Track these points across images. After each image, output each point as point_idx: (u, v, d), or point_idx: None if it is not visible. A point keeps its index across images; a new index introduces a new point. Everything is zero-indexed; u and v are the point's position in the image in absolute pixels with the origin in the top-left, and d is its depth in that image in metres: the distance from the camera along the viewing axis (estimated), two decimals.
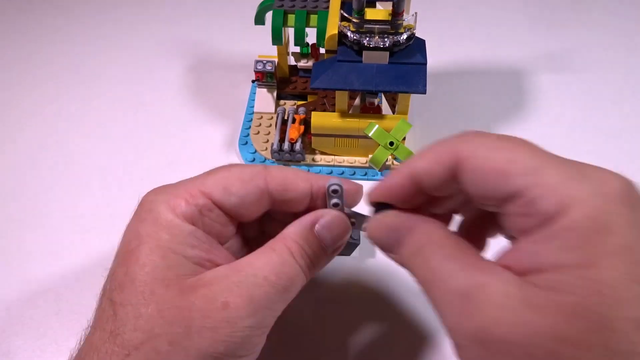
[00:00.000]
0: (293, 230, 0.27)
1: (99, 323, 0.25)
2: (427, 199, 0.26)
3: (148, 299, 0.24)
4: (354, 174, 0.47)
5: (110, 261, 0.40)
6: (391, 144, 0.42)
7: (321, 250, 0.28)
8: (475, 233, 0.28)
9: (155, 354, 0.23)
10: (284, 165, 0.47)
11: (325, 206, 0.29)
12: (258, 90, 0.52)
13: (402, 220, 0.25)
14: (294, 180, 0.28)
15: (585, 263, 0.19)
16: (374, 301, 0.38)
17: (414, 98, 0.49)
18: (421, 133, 0.51)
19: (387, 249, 0.26)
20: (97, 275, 0.39)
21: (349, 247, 0.32)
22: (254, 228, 0.31)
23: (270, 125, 0.51)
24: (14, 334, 0.36)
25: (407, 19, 0.40)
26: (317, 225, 0.28)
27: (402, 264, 0.25)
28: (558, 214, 0.20)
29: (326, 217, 0.28)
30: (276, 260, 0.26)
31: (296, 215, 0.29)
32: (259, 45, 0.54)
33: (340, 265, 0.39)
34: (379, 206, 0.27)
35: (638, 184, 0.21)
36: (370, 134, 0.42)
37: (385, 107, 0.48)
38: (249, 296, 0.24)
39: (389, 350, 0.35)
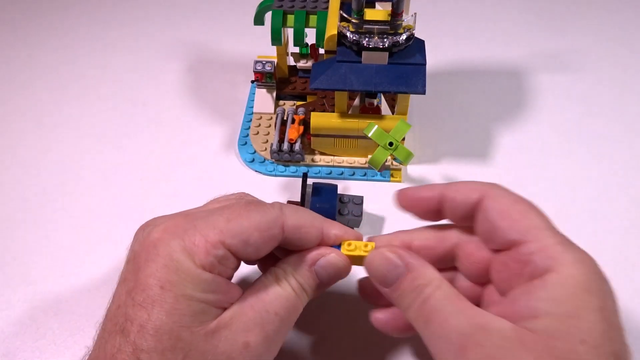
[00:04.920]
0: (294, 268, 0.29)
1: None
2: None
3: (175, 345, 0.25)
4: (354, 174, 0.47)
5: (111, 263, 0.40)
6: (390, 144, 0.42)
7: (317, 285, 0.30)
8: (467, 286, 0.30)
9: None
10: (284, 166, 0.47)
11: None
12: (257, 90, 0.52)
13: (404, 257, 0.27)
14: (309, 229, 0.30)
15: (572, 314, 0.23)
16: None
17: (414, 98, 0.49)
18: (420, 133, 0.51)
19: (384, 283, 0.28)
20: (97, 277, 0.40)
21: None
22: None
23: (270, 125, 0.51)
24: (13, 334, 0.37)
25: (406, 19, 0.40)
26: (316, 266, 0.30)
27: (395, 298, 0.27)
28: (547, 270, 0.24)
29: (327, 258, 0.30)
30: (282, 295, 0.28)
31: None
32: (259, 45, 0.54)
33: None
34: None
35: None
36: (369, 135, 0.42)
37: (384, 108, 0.48)
38: (265, 333, 0.27)
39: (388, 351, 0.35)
